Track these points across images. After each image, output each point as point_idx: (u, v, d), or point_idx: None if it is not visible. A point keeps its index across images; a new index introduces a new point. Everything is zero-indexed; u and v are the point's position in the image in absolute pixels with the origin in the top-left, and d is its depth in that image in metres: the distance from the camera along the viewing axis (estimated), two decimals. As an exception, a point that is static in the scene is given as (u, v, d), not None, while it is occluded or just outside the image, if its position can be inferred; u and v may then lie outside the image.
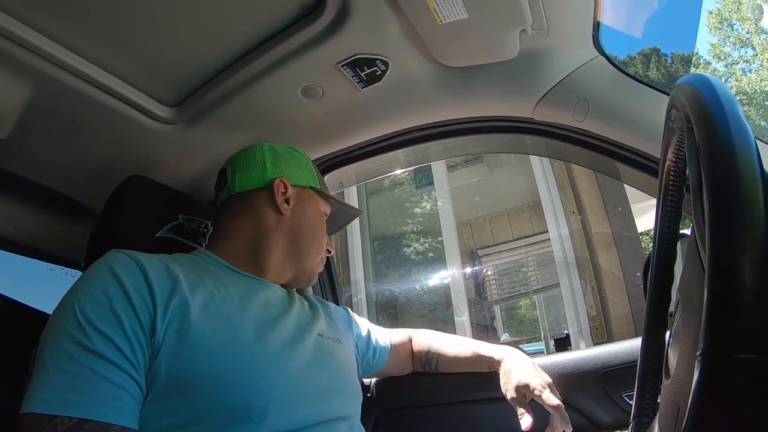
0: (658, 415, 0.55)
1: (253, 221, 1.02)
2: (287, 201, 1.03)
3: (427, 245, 5.90)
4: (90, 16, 0.93)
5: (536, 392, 1.03)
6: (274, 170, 1.04)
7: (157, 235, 1.09)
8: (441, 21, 0.97)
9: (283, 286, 1.05)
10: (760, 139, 0.93)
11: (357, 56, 1.08)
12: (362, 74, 1.13)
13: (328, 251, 1.12)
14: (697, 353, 0.33)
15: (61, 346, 0.69)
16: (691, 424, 0.32)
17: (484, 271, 5.80)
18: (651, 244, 0.65)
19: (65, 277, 1.75)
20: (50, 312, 0.76)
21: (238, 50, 1.07)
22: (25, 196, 1.42)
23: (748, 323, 0.32)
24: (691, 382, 0.33)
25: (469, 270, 5.66)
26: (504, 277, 5.81)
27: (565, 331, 4.41)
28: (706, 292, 0.33)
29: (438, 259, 5.61)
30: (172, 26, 0.99)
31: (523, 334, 6.31)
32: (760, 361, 0.31)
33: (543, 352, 5.22)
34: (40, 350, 0.70)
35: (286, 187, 1.03)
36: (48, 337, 0.71)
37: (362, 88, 1.18)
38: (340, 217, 1.22)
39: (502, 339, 5.73)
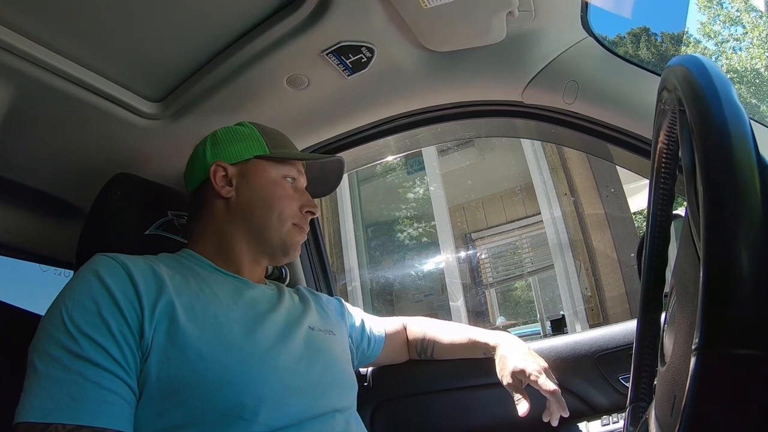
0: (654, 401, 0.55)
1: (209, 217, 1.00)
2: (230, 183, 0.99)
3: (420, 230, 5.90)
4: (69, 14, 0.91)
5: (532, 377, 1.03)
6: (212, 157, 1.01)
7: (147, 232, 1.08)
8: (425, 5, 0.95)
9: (267, 264, 1.04)
10: (755, 120, 0.92)
11: (341, 44, 1.06)
12: (347, 62, 1.11)
13: (311, 213, 1.02)
14: (693, 347, 0.32)
15: (51, 353, 0.69)
16: (687, 420, 0.32)
17: (478, 254, 5.81)
18: (644, 224, 0.65)
19: (59, 278, 1.73)
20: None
21: (220, 43, 1.06)
22: (13, 198, 1.41)
23: (745, 318, 0.31)
24: (687, 372, 0.33)
25: (463, 254, 5.68)
26: (498, 260, 5.83)
27: (561, 312, 4.44)
28: (701, 285, 0.32)
29: (432, 244, 5.62)
30: (152, 21, 0.97)
31: (519, 316, 6.34)
32: (758, 357, 0.30)
33: (539, 334, 5.25)
34: (30, 359, 0.70)
35: (225, 169, 0.99)
36: (38, 345, 0.71)
37: (348, 75, 1.16)
38: (322, 173, 1.14)
39: (498, 322, 5.76)
